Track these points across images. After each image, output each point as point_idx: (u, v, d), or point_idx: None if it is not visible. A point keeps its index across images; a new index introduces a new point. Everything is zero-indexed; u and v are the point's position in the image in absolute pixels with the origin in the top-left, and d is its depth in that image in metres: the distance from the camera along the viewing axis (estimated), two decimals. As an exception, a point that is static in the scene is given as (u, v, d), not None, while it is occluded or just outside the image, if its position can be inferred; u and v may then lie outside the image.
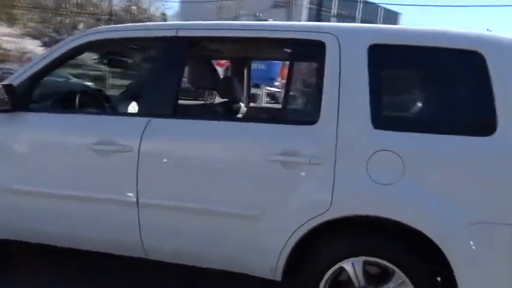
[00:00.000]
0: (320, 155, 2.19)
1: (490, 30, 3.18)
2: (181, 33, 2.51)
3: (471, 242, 2.04)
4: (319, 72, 2.28)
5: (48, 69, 2.71)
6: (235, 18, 45.29)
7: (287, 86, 2.55)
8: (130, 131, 2.42)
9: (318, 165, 2.19)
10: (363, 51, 2.23)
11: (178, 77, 2.51)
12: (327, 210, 2.16)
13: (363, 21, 62.56)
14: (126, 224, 2.45)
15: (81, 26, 35.57)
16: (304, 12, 53.21)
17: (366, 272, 2.20)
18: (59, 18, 33.26)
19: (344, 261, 2.20)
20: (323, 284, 2.25)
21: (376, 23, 64.69)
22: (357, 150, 2.17)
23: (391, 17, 65.83)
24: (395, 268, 2.15)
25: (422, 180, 2.10)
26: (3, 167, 2.62)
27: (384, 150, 2.13)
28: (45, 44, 29.32)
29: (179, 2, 54.05)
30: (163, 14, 41.28)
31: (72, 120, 2.66)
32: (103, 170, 2.47)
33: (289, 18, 25.83)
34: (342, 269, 2.23)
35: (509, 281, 2.08)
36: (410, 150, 2.12)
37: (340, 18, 51.81)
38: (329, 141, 2.19)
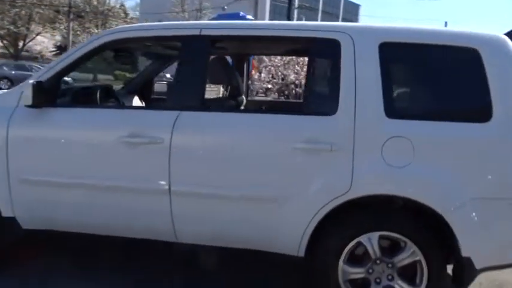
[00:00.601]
0: (340, 142, 2.44)
1: (447, 22, 3.51)
2: (204, 32, 2.69)
3: (473, 214, 2.36)
4: (336, 68, 2.52)
5: (73, 67, 2.82)
6: (198, 10, 44.89)
7: (307, 80, 2.79)
8: (162, 124, 2.58)
9: (338, 152, 2.44)
10: (375, 48, 2.50)
11: (204, 73, 2.69)
12: (347, 191, 2.43)
13: (324, 13, 63.52)
14: (158, 211, 2.62)
15: (37, 18, 34.35)
16: (268, 4, 53.40)
17: (380, 245, 2.49)
18: (15, 10, 31.89)
19: (362, 236, 2.48)
20: (342, 259, 2.51)
21: (337, 14, 65.82)
22: (373, 137, 2.44)
23: (352, 9, 67.22)
24: (407, 240, 2.44)
25: (430, 162, 2.40)
26: (36, 161, 2.72)
27: (397, 136, 2.41)
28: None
29: (139, -7, 53.04)
30: (122, 6, 40.40)
31: (102, 114, 2.79)
32: (135, 161, 2.62)
33: (255, 11, 25.93)
34: (358, 244, 2.51)
35: (506, 246, 2.42)
36: (419, 136, 2.41)
37: (303, 10, 52.25)
38: (347, 130, 2.44)
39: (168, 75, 14.62)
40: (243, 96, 3.82)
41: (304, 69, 11.97)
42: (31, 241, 3.11)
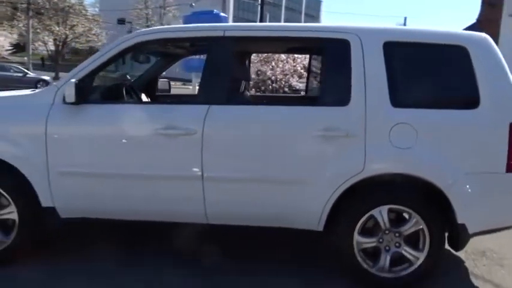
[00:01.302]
0: (353, 129, 2.81)
1: (406, 18, 3.98)
2: (228, 34, 2.99)
3: (466, 187, 2.79)
4: (348, 64, 2.88)
5: (105, 66, 3.05)
6: (162, 7, 44.44)
7: (321, 76, 3.14)
8: (194, 117, 2.87)
9: (352, 137, 2.81)
10: (380, 47, 2.88)
11: (229, 70, 2.99)
12: (361, 171, 2.80)
13: (287, 9, 64.25)
14: (192, 196, 2.91)
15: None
16: (232, 1, 53.51)
17: (389, 217, 2.88)
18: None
19: (373, 210, 2.86)
20: (356, 231, 2.89)
21: (300, 10, 66.72)
22: (381, 124, 2.82)
23: (314, 5, 68.33)
24: (411, 212, 2.85)
25: (431, 143, 2.80)
26: (75, 154, 2.94)
27: (401, 123, 2.80)
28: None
29: (99, -11, 51.88)
30: (81, 3, 39.43)
31: (137, 109, 3.04)
32: (170, 151, 2.90)
33: (223, 7, 26.13)
34: (370, 217, 2.89)
35: (494, 213, 2.87)
36: (420, 121, 2.81)
37: (267, 5, 52.62)
38: (360, 118, 2.81)
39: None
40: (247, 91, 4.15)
41: (280, 65, 12.36)
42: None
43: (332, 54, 2.97)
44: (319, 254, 3.45)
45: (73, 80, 2.82)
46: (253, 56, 13.78)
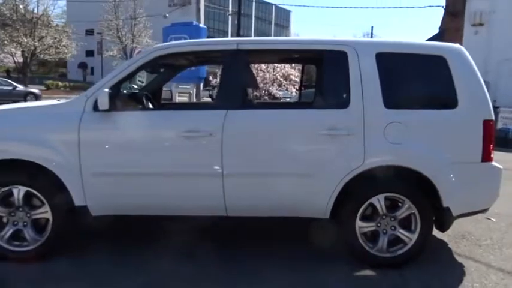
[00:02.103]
0: (353, 128, 3.25)
1: (373, 27, 4.56)
2: (240, 47, 3.38)
3: (450, 175, 3.27)
4: (346, 73, 3.32)
5: (130, 76, 3.39)
6: (132, 18, 44.33)
7: (324, 83, 3.56)
8: (214, 121, 3.24)
9: (352, 135, 3.25)
10: (373, 57, 3.34)
11: (243, 78, 3.38)
12: (361, 165, 3.24)
13: (257, 18, 65.18)
14: (213, 191, 3.27)
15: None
16: (202, 11, 53.83)
17: (385, 204, 3.32)
18: None
19: (372, 198, 3.30)
20: (358, 217, 3.32)
21: (270, 20, 67.83)
22: (377, 123, 3.27)
23: (284, 15, 69.62)
24: (405, 199, 3.30)
25: (419, 139, 3.27)
26: (107, 156, 3.26)
27: (393, 122, 3.26)
28: None
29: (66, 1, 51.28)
30: (47, 14, 38.87)
31: (161, 115, 3.38)
32: (193, 151, 3.25)
33: (197, 17, 26.48)
34: (369, 205, 3.32)
35: (473, 197, 3.36)
36: (409, 120, 3.28)
37: (236, 15, 53.27)
38: (358, 119, 3.26)
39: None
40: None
41: (260, 74, 12.85)
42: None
43: (332, 63, 3.41)
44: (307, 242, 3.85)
45: (106, 90, 3.15)
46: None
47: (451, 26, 16.36)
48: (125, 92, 3.93)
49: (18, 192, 3.25)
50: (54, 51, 38.52)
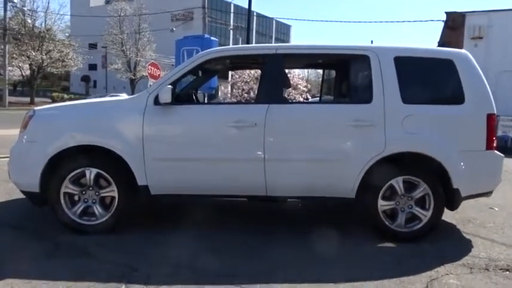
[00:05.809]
0: (376, 120, 3.82)
1: (372, 41, 5.22)
2: (279, 51, 3.97)
3: (459, 161, 3.83)
4: (369, 73, 3.91)
5: (183, 76, 3.98)
6: (136, 32, 45.23)
7: (349, 82, 4.15)
8: (258, 113, 3.81)
9: (375, 126, 3.81)
10: (391, 60, 3.92)
11: (280, 78, 3.97)
12: (383, 151, 3.80)
13: (258, 33, 66.26)
14: (256, 174, 3.82)
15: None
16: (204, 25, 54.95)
17: (403, 186, 3.87)
18: None
19: (392, 180, 3.85)
20: (380, 197, 3.86)
21: (271, 34, 68.94)
22: (395, 116, 3.84)
23: (284, 29, 70.89)
24: (420, 181, 3.84)
25: (432, 129, 3.84)
26: (167, 143, 3.83)
27: (410, 115, 3.83)
28: None
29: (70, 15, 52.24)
30: (48, 30, 39.71)
31: (214, 108, 3.95)
32: (240, 139, 3.82)
33: (203, 31, 27.40)
34: (389, 186, 3.87)
35: (479, 180, 3.91)
36: (423, 113, 3.85)
37: (238, 30, 54.26)
38: (380, 112, 3.82)
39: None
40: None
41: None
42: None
43: (357, 65, 4.00)
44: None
45: (169, 86, 3.72)
46: (246, 76, 15.18)
47: (450, 40, 17.07)
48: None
49: (90, 173, 3.79)
50: (61, 64, 39.33)
